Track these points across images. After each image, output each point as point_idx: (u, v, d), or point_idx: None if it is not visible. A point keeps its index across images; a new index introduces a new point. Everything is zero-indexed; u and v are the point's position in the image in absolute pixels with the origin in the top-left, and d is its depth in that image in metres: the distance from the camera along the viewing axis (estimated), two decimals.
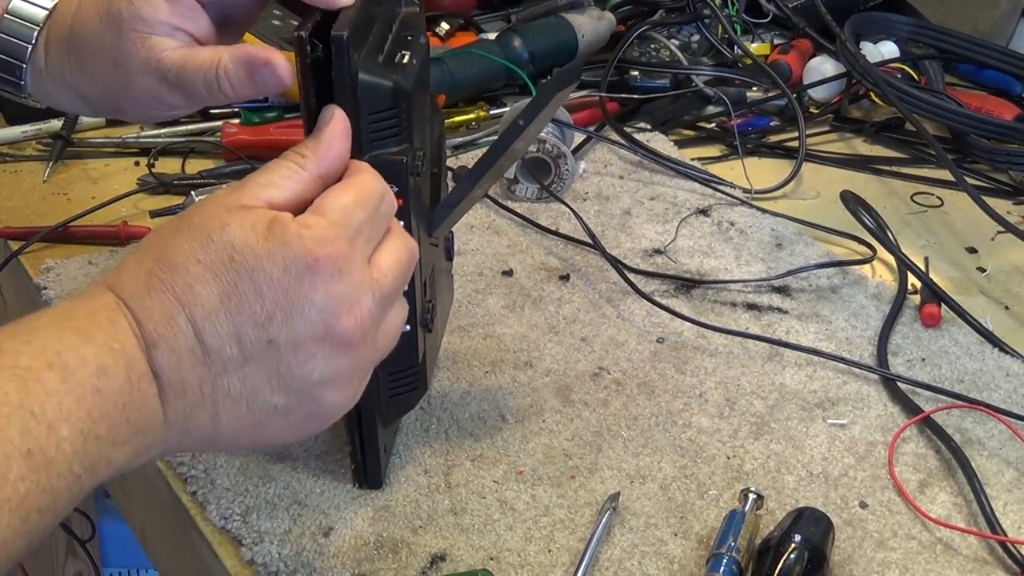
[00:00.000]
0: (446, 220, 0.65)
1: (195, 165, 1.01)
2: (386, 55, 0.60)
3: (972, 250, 0.98)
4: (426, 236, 0.64)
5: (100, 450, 0.46)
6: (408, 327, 0.61)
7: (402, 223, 0.58)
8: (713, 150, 1.10)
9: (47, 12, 0.67)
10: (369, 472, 0.67)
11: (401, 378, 0.66)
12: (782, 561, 0.61)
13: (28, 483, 0.43)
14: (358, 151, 0.57)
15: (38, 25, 0.67)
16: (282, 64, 0.60)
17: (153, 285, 0.49)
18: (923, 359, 0.82)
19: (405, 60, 0.60)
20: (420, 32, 0.63)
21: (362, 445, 0.66)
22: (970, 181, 1.01)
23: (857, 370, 0.80)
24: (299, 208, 0.52)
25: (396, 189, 0.57)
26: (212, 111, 1.07)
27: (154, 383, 0.48)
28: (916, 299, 0.89)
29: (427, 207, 0.64)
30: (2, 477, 0.42)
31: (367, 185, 0.54)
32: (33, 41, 0.67)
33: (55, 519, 0.45)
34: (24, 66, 0.67)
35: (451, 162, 1.01)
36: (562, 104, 0.72)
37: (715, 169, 1.05)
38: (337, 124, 0.55)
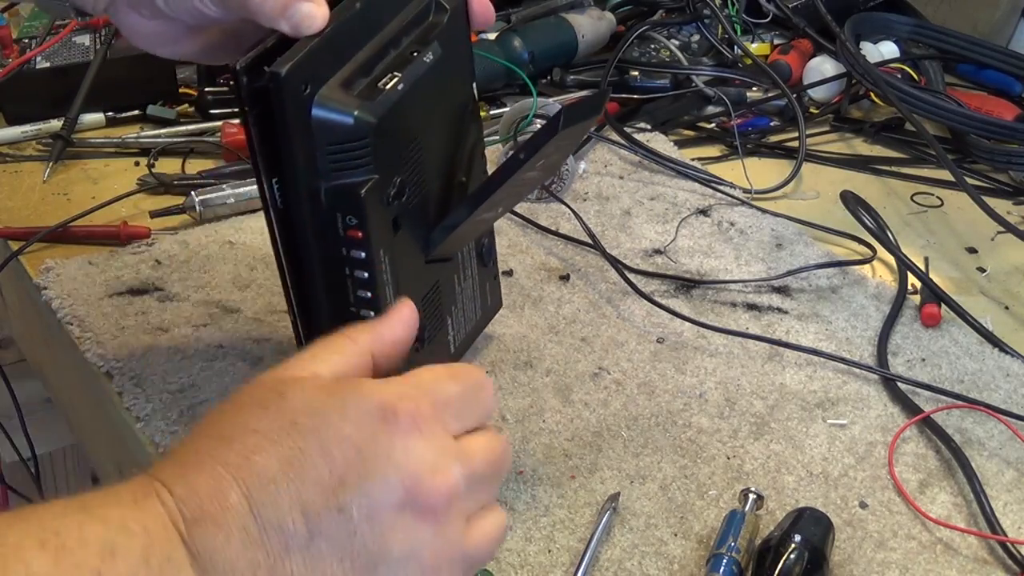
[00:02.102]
0: (444, 242, 0.63)
1: (195, 165, 1.01)
2: (373, 77, 0.57)
3: (972, 250, 0.98)
4: (419, 255, 0.63)
5: None
6: None
7: (363, 253, 0.57)
8: (713, 150, 1.10)
9: None
10: None
11: None
12: (782, 561, 0.61)
13: None
14: (315, 180, 0.56)
15: None
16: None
17: (201, 460, 0.43)
18: (923, 359, 0.82)
19: (389, 85, 0.57)
20: (430, 47, 0.60)
21: None
22: (970, 181, 1.01)
23: (857, 370, 0.80)
24: None
25: (355, 221, 0.56)
26: (212, 111, 1.07)
27: (192, 567, 0.41)
28: (916, 299, 0.88)
29: (423, 226, 0.62)
30: None
31: (465, 367, 0.50)
32: None
33: None
34: None
35: None
36: (583, 135, 0.69)
37: (715, 169, 1.05)
38: (402, 310, 0.52)
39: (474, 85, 0.67)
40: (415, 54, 0.59)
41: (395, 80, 0.57)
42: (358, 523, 0.43)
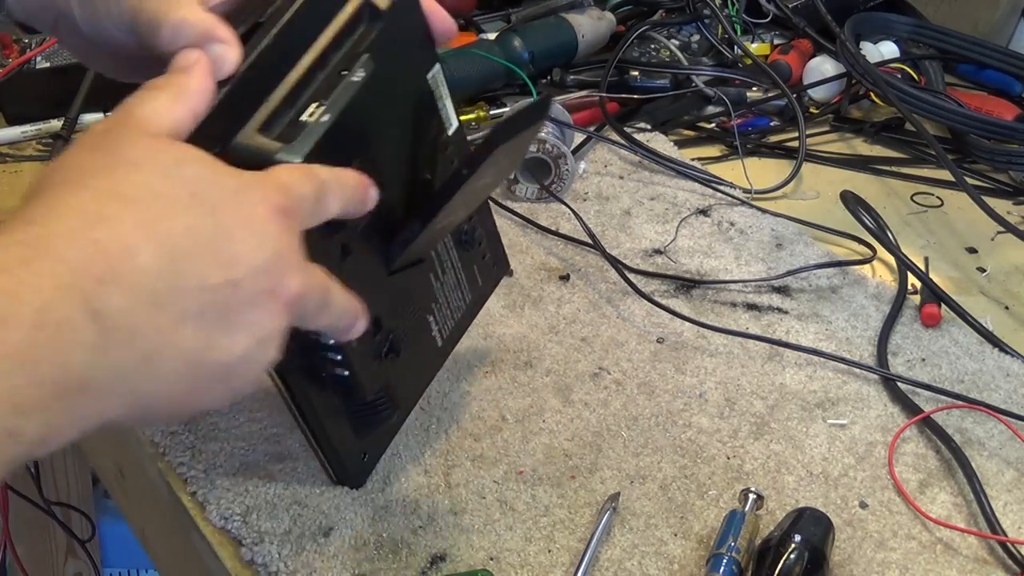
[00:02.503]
0: (403, 257, 0.61)
1: None
2: (297, 110, 0.53)
3: (972, 250, 0.98)
4: (380, 268, 0.61)
5: None
6: (346, 372, 0.59)
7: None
8: (713, 150, 1.10)
9: None
10: (333, 468, 0.67)
11: (360, 407, 0.64)
12: (782, 561, 0.61)
13: None
14: None
15: None
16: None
17: (106, 218, 0.42)
18: (923, 359, 0.82)
19: (313, 118, 0.52)
20: (361, 62, 0.55)
21: (316, 440, 0.65)
22: (970, 181, 1.01)
23: (857, 370, 0.80)
24: (198, 118, 0.49)
25: None
26: None
27: (91, 328, 0.40)
28: (916, 299, 0.89)
29: (382, 239, 0.60)
30: None
31: (315, 169, 0.51)
32: None
33: None
34: None
35: None
36: (529, 142, 0.67)
37: (715, 169, 1.05)
38: (187, 56, 0.50)
39: (433, 75, 0.63)
40: (344, 73, 0.55)
41: (320, 111, 0.53)
42: (244, 300, 0.45)
